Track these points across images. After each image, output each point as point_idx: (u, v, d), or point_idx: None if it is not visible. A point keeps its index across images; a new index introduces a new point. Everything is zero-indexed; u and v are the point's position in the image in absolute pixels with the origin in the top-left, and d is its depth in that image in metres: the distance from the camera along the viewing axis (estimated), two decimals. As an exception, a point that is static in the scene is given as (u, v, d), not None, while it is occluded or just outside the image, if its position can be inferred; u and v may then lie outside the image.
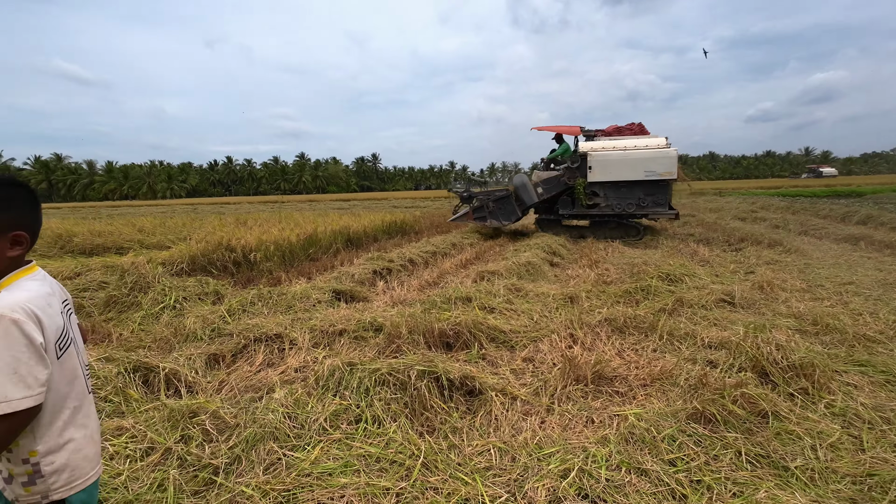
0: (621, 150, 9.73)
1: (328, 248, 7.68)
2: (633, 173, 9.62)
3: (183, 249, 6.57)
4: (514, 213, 10.51)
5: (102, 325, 4.35)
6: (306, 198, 54.80)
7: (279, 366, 3.41)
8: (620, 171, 9.68)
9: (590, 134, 10.67)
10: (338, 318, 4.08)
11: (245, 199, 64.09)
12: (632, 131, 10.50)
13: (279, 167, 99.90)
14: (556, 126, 11.16)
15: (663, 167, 9.36)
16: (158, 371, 2.95)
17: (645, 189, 9.71)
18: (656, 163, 9.41)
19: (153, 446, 2.16)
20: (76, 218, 17.62)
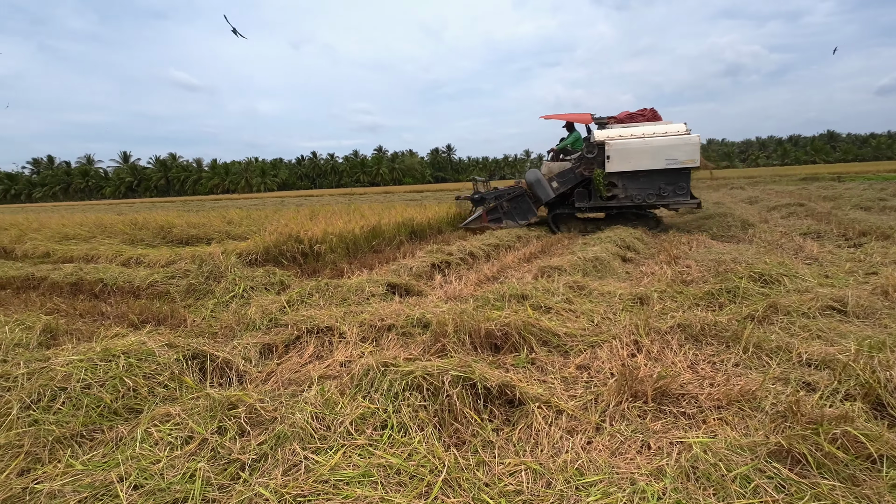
0: (641, 138, 9.17)
1: (391, 240, 7.77)
2: (653, 162, 9.10)
3: (258, 241, 7.00)
4: (530, 210, 10.22)
5: (181, 311, 4.74)
6: (382, 189, 56.79)
7: (326, 359, 3.44)
8: (640, 160, 9.17)
9: (602, 122, 10.15)
10: (388, 313, 4.04)
11: (327, 191, 68.00)
12: (644, 117, 9.92)
13: (359, 160, 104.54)
14: (566, 114, 10.72)
15: (685, 154, 8.85)
16: (215, 359, 3.10)
17: (666, 178, 9.20)
18: (678, 150, 8.89)
19: (192, 435, 2.24)
20: (185, 211, 19.84)
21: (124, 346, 2.88)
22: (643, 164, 9.23)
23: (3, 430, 2.40)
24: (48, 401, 2.50)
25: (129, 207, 35.92)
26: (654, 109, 10.11)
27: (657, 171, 9.24)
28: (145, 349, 2.91)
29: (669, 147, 9.01)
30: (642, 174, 9.35)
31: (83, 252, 8.56)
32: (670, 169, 9.13)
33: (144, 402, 2.59)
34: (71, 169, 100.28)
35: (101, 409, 2.47)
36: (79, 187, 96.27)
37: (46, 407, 2.47)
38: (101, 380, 2.60)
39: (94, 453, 2.21)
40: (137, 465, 2.04)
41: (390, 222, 8.07)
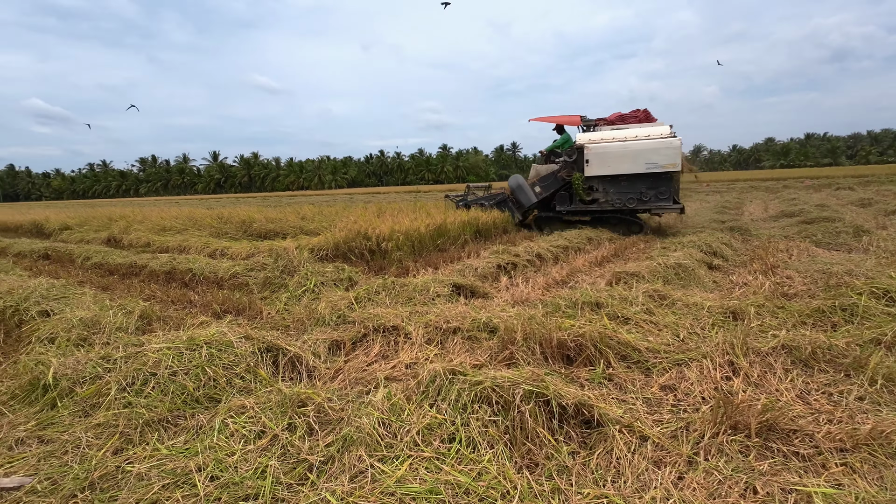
0: (620, 142, 9.03)
1: (456, 238, 7.70)
2: (633, 166, 8.94)
3: (329, 237, 7.23)
4: (513, 214, 10.15)
5: (258, 303, 4.99)
6: (446, 187, 57.21)
7: (392, 359, 3.41)
8: (619, 164, 9.06)
9: (590, 123, 10.05)
10: (454, 315, 3.95)
11: (392, 188, 69.85)
12: (637, 119, 9.72)
13: (424, 159, 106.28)
14: (556, 116, 10.65)
15: (666, 158, 8.65)
16: (287, 353, 3.18)
17: (647, 182, 9.01)
18: (658, 154, 8.69)
19: (264, 430, 2.28)
20: (264, 206, 21.26)
21: (207, 336, 3.04)
22: (623, 168, 9.04)
23: (102, 409, 2.61)
24: (140, 385, 2.68)
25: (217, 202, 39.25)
26: (646, 111, 9.85)
27: (638, 176, 9.00)
28: (225, 340, 3.05)
29: (649, 151, 8.77)
30: (623, 178, 9.17)
31: (177, 243, 9.38)
32: (651, 173, 8.88)
33: (222, 393, 2.69)
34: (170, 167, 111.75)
35: (185, 397, 2.60)
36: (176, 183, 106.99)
37: (139, 390, 2.65)
38: (185, 368, 2.75)
39: (177, 439, 2.33)
40: (214, 455, 2.10)
41: (455, 221, 8.01)
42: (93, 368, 2.94)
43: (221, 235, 10.34)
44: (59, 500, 1.95)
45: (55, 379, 2.90)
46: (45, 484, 2.05)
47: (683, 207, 9.27)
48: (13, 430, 2.58)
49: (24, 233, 14.65)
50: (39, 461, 2.23)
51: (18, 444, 2.45)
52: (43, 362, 3.08)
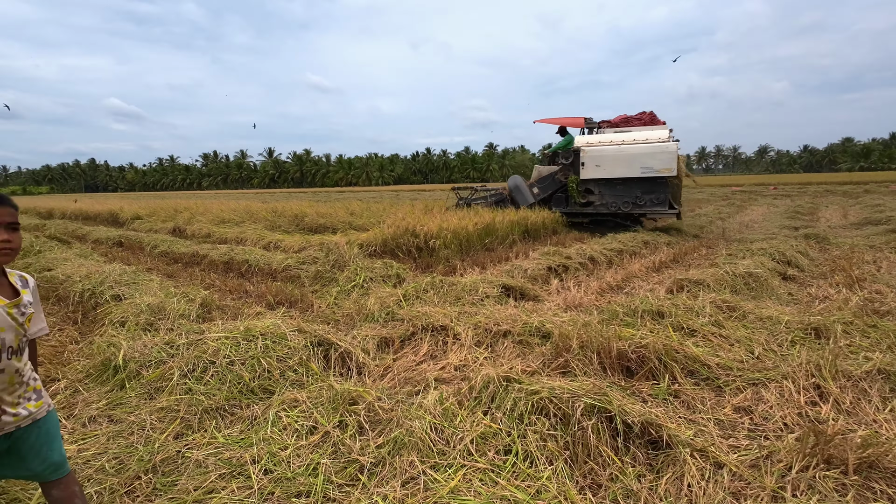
0: (616, 145, 9.01)
1: (504, 238, 7.55)
2: (628, 170, 8.92)
3: (377, 233, 7.30)
4: None
5: (309, 296, 5.09)
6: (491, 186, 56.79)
7: (441, 360, 3.35)
8: (614, 168, 9.04)
9: (593, 125, 10.05)
10: (504, 317, 3.83)
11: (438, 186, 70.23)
12: (641, 121, 9.57)
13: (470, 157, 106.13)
14: (559, 118, 10.64)
15: (661, 163, 8.56)
16: (337, 348, 3.19)
17: (643, 186, 8.97)
18: (653, 158, 8.62)
19: (316, 426, 2.27)
20: (315, 201, 21.95)
21: (262, 327, 3.10)
22: (618, 172, 9.01)
23: (165, 393, 2.71)
24: (200, 372, 2.77)
25: (271, 196, 41.04)
26: (652, 113, 9.68)
27: (634, 179, 8.94)
28: (279, 332, 3.10)
29: (644, 155, 8.67)
30: (618, 181, 9.14)
31: (234, 235, 9.83)
32: (647, 177, 8.79)
33: (276, 385, 2.73)
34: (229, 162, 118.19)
35: (241, 387, 2.65)
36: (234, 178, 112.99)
37: (199, 377, 2.73)
38: (242, 358, 2.81)
39: (233, 429, 2.37)
40: (268, 448, 2.11)
41: (504, 220, 7.85)
42: (158, 353, 3.08)
43: (275, 228, 10.74)
44: (125, 479, 2.02)
45: (125, 361, 3.06)
46: (113, 463, 2.14)
47: (680, 213, 9.05)
48: (87, 408, 2.74)
49: (102, 221, 15.91)
50: (108, 440, 2.34)
51: (91, 421, 2.59)
52: (114, 344, 3.26)
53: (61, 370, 3.32)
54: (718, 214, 12.84)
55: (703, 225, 10.50)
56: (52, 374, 3.27)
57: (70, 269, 6.07)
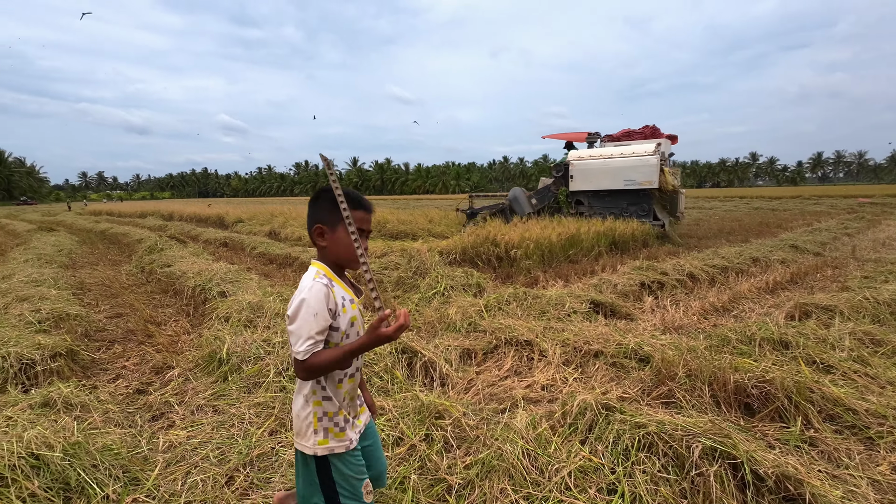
0: (602, 159, 9.48)
1: (589, 250, 7.15)
2: (613, 182, 9.33)
3: (456, 241, 7.29)
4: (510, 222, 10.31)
5: (392, 301, 5.16)
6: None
7: (526, 376, 3.18)
8: (601, 180, 9.51)
9: (594, 140, 10.60)
10: (594, 335, 3.57)
11: (515, 195, 69.45)
12: (643, 135, 10.00)
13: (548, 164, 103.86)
14: (565, 134, 11.28)
15: (643, 176, 8.93)
16: (421, 357, 3.16)
17: (628, 198, 9.37)
18: (636, 171, 9.02)
19: (402, 437, 2.23)
20: (395, 208, 22.72)
21: (350, 332, 3.15)
22: (604, 184, 9.46)
23: (262, 389, 2.85)
24: (293, 372, 2.87)
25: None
26: (654, 127, 10.05)
27: (620, 191, 9.33)
28: (366, 337, 3.13)
29: (627, 168, 9.04)
30: (605, 193, 9.60)
31: (323, 239, 10.41)
32: (631, 189, 9.12)
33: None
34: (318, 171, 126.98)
35: (330, 389, 2.70)
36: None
37: (291, 377, 2.83)
38: (331, 361, 2.86)
39: (322, 431, 2.41)
40: (356, 456, 2.10)
41: (589, 231, 7.45)
42: (256, 349, 3.26)
43: (359, 234, 11.21)
44: (225, 471, 2.11)
45: (227, 355, 3.28)
46: (216, 453, 2.26)
47: (664, 224, 9.16)
48: (195, 396, 2.96)
49: (211, 224, 17.77)
50: (213, 430, 2.49)
51: (198, 410, 2.79)
52: (219, 338, 3.52)
53: (176, 358, 3.66)
54: (844, 229, 11.15)
55: (825, 241, 9.16)
56: (168, 362, 3.61)
57: (185, 266, 6.78)
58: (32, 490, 1.73)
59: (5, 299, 4.75)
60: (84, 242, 12.63)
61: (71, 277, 6.83)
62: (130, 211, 27.37)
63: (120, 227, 16.10)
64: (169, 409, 2.84)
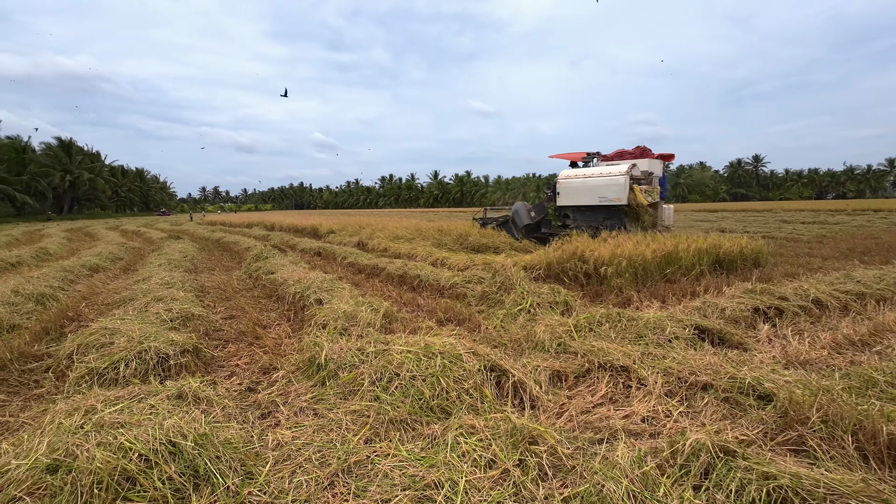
0: (582, 178, 10.88)
1: (690, 269, 6.56)
2: (590, 198, 10.67)
3: (541, 255, 7.11)
4: (513, 233, 12.33)
5: (476, 316, 5.16)
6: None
7: (623, 405, 2.97)
8: (580, 197, 10.88)
9: (588, 160, 11.96)
10: (701, 366, 3.24)
11: (599, 207, 66.50)
12: (633, 155, 11.30)
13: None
14: (568, 154, 12.79)
15: (613, 193, 10.17)
16: (510, 377, 3.09)
17: (604, 212, 10.62)
18: (608, 189, 10.27)
19: (495, 460, 2.18)
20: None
21: (441, 346, 3.19)
22: (583, 200, 10.79)
23: (357, 397, 2.97)
24: (386, 382, 2.96)
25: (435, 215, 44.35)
26: (643, 147, 11.32)
27: (597, 207, 10.59)
28: (455, 353, 3.14)
29: (600, 186, 10.35)
30: (585, 208, 10.90)
31: (407, 250, 10.76)
32: (605, 205, 10.35)
33: (453, 406, 2.75)
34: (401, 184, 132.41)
35: (422, 403, 2.74)
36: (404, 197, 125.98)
37: (385, 387, 2.92)
38: (423, 374, 2.91)
39: (414, 444, 2.44)
40: (449, 474, 2.09)
41: (689, 248, 6.84)
42: (351, 357, 3.42)
43: (441, 246, 11.41)
44: (326, 475, 2.22)
45: (325, 361, 3.49)
46: (318, 456, 2.38)
47: None
48: (297, 398, 3.17)
49: (306, 234, 19.25)
50: (314, 433, 2.64)
51: (300, 412, 2.98)
52: (318, 344, 3.75)
53: (280, 361, 3.97)
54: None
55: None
56: (273, 363, 3.93)
57: (286, 273, 7.38)
58: (170, 474, 1.95)
59: (145, 299, 5.52)
60: (203, 249, 14.34)
61: (193, 281, 7.75)
62: (239, 221, 30.61)
63: (231, 236, 18.07)
64: (275, 408, 3.08)
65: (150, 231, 24.28)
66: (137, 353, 3.50)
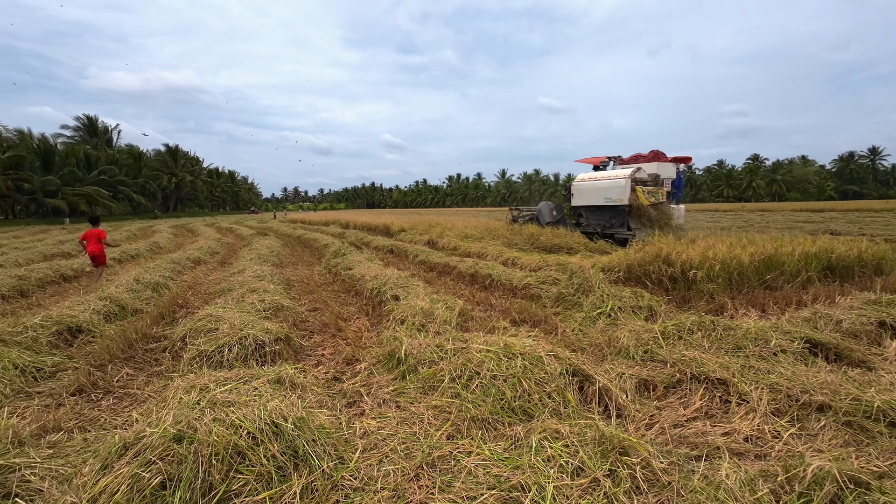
0: (592, 181, 12.20)
1: (794, 275, 5.88)
2: (597, 199, 11.97)
3: (621, 257, 6.76)
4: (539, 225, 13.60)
5: (552, 318, 5.03)
6: (757, 206, 46.47)
7: (721, 422, 2.74)
8: (590, 198, 12.26)
9: (605, 164, 13.59)
10: (815, 383, 2.90)
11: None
12: (646, 159, 12.22)
13: (724, 172, 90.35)
14: (591, 158, 14.13)
15: (616, 194, 11.32)
16: (594, 382, 2.97)
17: (610, 212, 11.87)
18: (611, 191, 11.45)
19: (582, 467, 2.10)
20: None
21: (521, 347, 3.14)
22: (591, 201, 12.24)
23: (437, 393, 3.01)
24: (466, 380, 2.98)
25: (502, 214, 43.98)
26: (656, 151, 12.38)
27: (604, 207, 11.92)
28: (536, 354, 3.08)
29: (605, 188, 11.70)
30: (595, 208, 12.33)
31: (476, 249, 10.77)
32: (611, 205, 11.62)
33: (535, 409, 2.69)
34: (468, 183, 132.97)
35: (503, 403, 2.72)
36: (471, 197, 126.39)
37: (465, 385, 2.94)
38: (504, 375, 2.89)
39: (497, 444, 2.42)
40: (535, 478, 2.05)
41: (794, 252, 6.14)
42: (430, 353, 3.48)
43: (511, 245, 11.29)
44: (411, 466, 2.27)
45: (405, 355, 3.58)
46: (403, 447, 2.45)
47: (635, 234, 10.75)
48: (380, 390, 3.29)
49: (379, 232, 19.98)
50: (397, 424, 2.72)
51: (383, 403, 3.09)
52: (398, 339, 3.87)
53: (361, 353, 4.15)
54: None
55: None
56: (356, 355, 4.11)
57: (363, 270, 7.71)
58: (273, 452, 2.11)
59: (242, 290, 6.04)
60: (286, 245, 15.41)
61: (280, 274, 8.35)
62: (317, 219, 32.53)
63: (311, 234, 19.25)
64: (359, 398, 3.22)
65: (240, 228, 26.59)
66: (238, 339, 3.83)
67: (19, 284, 7.19)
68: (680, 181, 12.66)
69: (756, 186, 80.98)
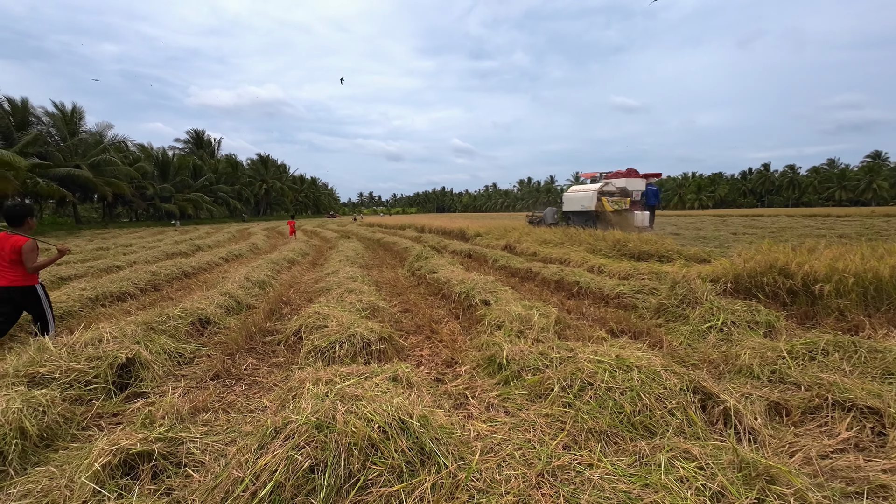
0: (573, 192, 19.23)
1: (950, 292, 5.03)
2: (577, 206, 18.55)
3: (726, 266, 6.25)
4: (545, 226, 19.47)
5: (656, 330, 4.77)
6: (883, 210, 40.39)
7: (878, 456, 2.43)
8: (573, 205, 18.94)
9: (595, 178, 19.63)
10: None
11: (783, 210, 55.82)
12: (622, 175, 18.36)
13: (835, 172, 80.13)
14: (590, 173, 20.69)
15: (587, 203, 17.79)
16: (718, 401, 2.78)
17: (585, 216, 17.97)
18: (584, 200, 18.04)
19: (723, 493, 1.97)
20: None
21: (635, 360, 3.02)
22: (574, 207, 18.85)
23: (548, 401, 2.98)
24: (577, 390, 2.92)
25: (577, 219, 42.51)
26: (630, 169, 18.40)
27: (581, 212, 18.30)
28: (652, 368, 2.94)
29: (581, 198, 18.28)
30: (576, 213, 18.70)
31: (558, 255, 10.51)
32: (585, 211, 18.06)
33: (657, 426, 2.57)
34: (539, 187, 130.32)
35: (622, 417, 2.63)
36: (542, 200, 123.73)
37: (577, 395, 2.88)
38: (620, 387, 2.79)
39: (620, 459, 2.35)
40: (671, 499, 1.96)
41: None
42: (534, 360, 3.46)
43: (595, 252, 10.88)
44: (532, 473, 2.27)
45: (507, 361, 3.60)
46: (520, 453, 2.46)
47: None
48: (484, 394, 3.33)
49: (454, 236, 20.22)
50: (510, 430, 2.73)
51: (490, 407, 3.12)
52: (497, 344, 3.89)
53: (459, 356, 4.23)
54: None
55: None
56: (455, 358, 4.20)
57: (447, 273, 7.85)
58: (402, 447, 2.22)
59: (339, 290, 6.42)
60: (368, 248, 16.14)
61: (367, 276, 8.76)
62: (392, 223, 33.70)
63: (389, 237, 19.99)
64: (465, 400, 3.28)
65: (323, 231, 28.30)
66: (347, 337, 4.08)
67: (153, 279, 8.24)
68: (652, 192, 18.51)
69: (878, 188, 70.79)
